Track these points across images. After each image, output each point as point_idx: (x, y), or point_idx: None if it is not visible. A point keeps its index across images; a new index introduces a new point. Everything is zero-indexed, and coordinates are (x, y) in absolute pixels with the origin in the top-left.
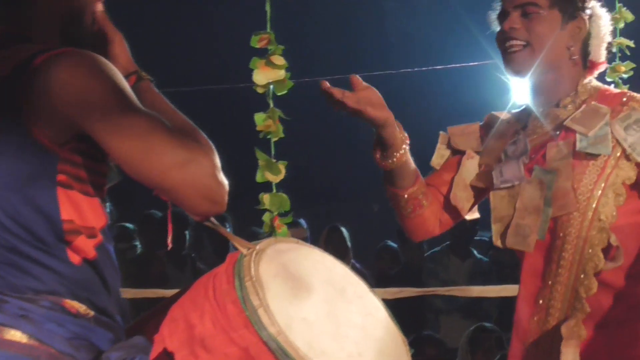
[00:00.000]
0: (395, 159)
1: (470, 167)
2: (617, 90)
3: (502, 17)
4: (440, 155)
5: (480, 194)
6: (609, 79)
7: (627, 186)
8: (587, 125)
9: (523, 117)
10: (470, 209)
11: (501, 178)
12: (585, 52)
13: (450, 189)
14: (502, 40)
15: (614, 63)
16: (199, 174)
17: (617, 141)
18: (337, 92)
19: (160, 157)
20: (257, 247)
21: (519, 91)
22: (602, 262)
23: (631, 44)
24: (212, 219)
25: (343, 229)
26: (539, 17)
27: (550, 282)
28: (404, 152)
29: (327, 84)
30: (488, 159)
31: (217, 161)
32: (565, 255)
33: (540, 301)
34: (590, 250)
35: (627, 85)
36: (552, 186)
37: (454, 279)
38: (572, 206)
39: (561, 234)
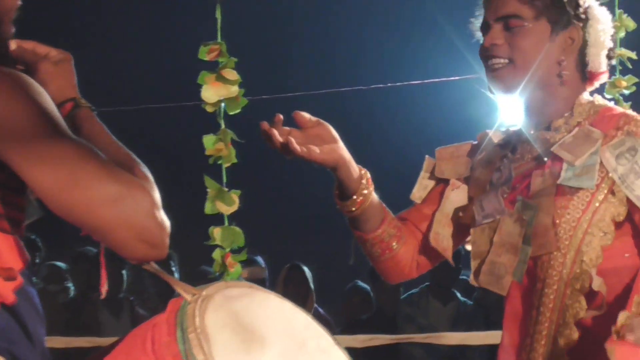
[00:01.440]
0: (355, 204)
1: (455, 199)
2: (620, 111)
3: (484, 29)
4: (422, 187)
5: (467, 231)
6: (608, 95)
7: (616, 224)
8: (575, 153)
9: (514, 140)
10: (455, 248)
11: (482, 213)
12: (582, 62)
13: (431, 225)
14: (484, 56)
15: (613, 77)
16: (134, 211)
17: (607, 172)
18: (278, 134)
19: (87, 190)
20: (204, 292)
21: (506, 108)
22: (583, 310)
23: (633, 55)
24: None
25: (305, 268)
26: (524, 30)
27: (531, 331)
28: (366, 195)
29: (267, 124)
30: (476, 191)
31: (157, 198)
32: (545, 301)
33: (523, 353)
34: (571, 296)
35: (629, 103)
36: (532, 222)
37: (434, 325)
38: (551, 246)
39: (542, 277)
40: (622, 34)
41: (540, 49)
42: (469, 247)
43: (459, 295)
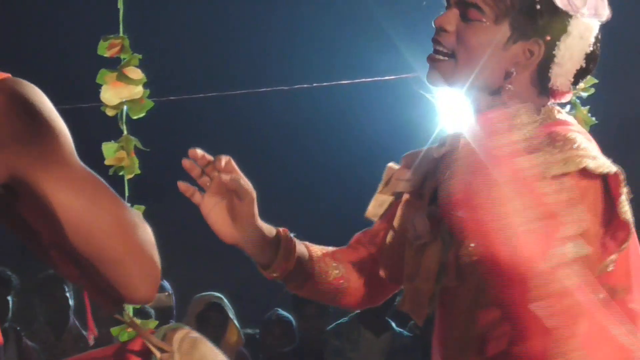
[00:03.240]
0: (277, 273)
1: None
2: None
3: (446, 7)
4: (378, 204)
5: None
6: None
7: None
8: None
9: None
10: None
11: (414, 233)
12: (541, 78)
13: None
14: (433, 39)
15: None
16: (146, 241)
17: None
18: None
19: (110, 215)
20: (173, 347)
21: (446, 110)
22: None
23: None
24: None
25: (224, 305)
26: (479, 27)
27: None
28: (289, 262)
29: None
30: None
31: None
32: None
33: None
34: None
35: (587, 107)
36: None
37: (366, 359)
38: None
39: (449, 307)
40: None
41: (488, 51)
42: None
43: (393, 325)
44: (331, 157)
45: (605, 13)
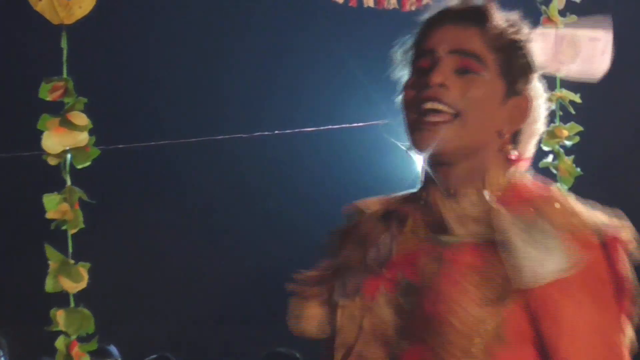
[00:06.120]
0: None
1: None
2: (533, 189)
3: (423, 58)
4: None
5: None
6: (545, 147)
7: None
8: (463, 222)
9: (408, 207)
10: None
11: (342, 291)
12: (514, 142)
13: None
14: (417, 98)
15: (552, 125)
16: None
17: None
18: None
19: None
20: None
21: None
22: None
23: (577, 98)
24: None
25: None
26: (481, 80)
27: None
28: None
29: None
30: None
31: None
32: None
33: None
34: None
35: (572, 157)
36: (414, 309)
37: None
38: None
39: None
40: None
41: (492, 108)
42: None
43: None
44: (297, 205)
45: (602, 68)
